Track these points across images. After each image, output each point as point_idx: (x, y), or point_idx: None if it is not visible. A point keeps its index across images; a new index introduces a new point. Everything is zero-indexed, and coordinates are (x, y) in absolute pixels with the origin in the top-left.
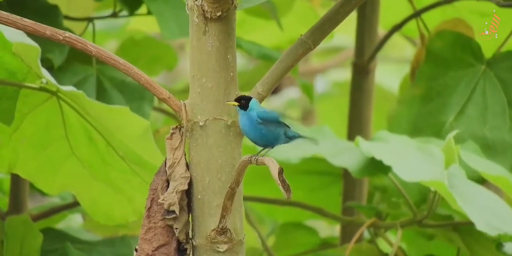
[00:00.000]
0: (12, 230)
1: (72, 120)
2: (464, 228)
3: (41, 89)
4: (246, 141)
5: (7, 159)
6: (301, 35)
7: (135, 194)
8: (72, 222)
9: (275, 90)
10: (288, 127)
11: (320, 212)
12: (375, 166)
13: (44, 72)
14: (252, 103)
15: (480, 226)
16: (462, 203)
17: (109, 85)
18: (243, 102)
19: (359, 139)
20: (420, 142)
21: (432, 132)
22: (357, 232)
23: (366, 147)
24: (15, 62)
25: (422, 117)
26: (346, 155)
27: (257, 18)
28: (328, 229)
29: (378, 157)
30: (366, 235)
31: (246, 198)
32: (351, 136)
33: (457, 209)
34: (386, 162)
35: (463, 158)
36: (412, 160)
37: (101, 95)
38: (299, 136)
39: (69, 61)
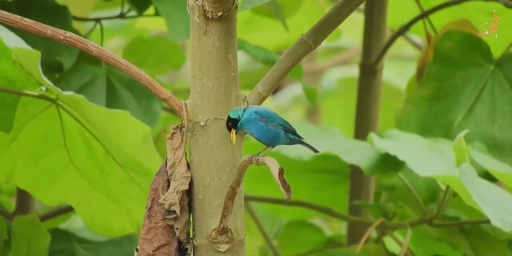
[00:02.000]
0: (20, 230)
1: (71, 129)
2: (471, 230)
3: (41, 96)
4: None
5: (5, 169)
6: (302, 35)
7: (133, 205)
8: (73, 222)
9: (278, 87)
10: (291, 129)
11: (329, 212)
12: (387, 164)
13: (44, 78)
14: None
15: (495, 221)
16: (478, 198)
17: (119, 85)
18: (230, 125)
19: (372, 135)
20: (430, 141)
21: (441, 132)
22: (365, 232)
23: (380, 143)
24: (14, 70)
25: (431, 117)
26: (358, 152)
27: (264, 18)
28: (334, 228)
29: (392, 152)
30: (373, 234)
31: (252, 198)
32: (358, 137)
33: (471, 205)
34: (401, 157)
35: (473, 157)
36: (424, 157)
37: (111, 94)
38: (300, 142)
39: (78, 62)
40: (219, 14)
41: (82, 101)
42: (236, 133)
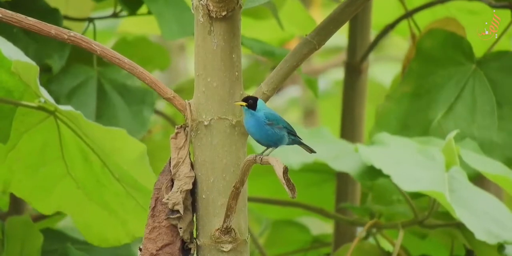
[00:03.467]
0: (13, 230)
1: (69, 140)
2: (466, 227)
3: (39, 108)
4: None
5: (2, 178)
6: (306, 35)
7: (129, 217)
8: (66, 222)
9: None
10: (293, 130)
11: (320, 212)
12: (377, 170)
13: (43, 91)
14: (260, 103)
15: (479, 235)
16: (461, 212)
17: (110, 88)
18: (251, 102)
19: (358, 145)
20: (420, 143)
21: (420, 129)
22: (352, 231)
23: (366, 155)
24: (12, 81)
25: (411, 114)
26: (347, 159)
27: (247, 18)
28: (320, 227)
29: (377, 165)
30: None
31: None
32: (344, 135)
33: (457, 218)
34: (385, 171)
35: (463, 157)
36: (411, 167)
37: (102, 98)
38: (300, 143)
39: (70, 63)
40: (223, 13)
41: (79, 117)
42: (242, 106)
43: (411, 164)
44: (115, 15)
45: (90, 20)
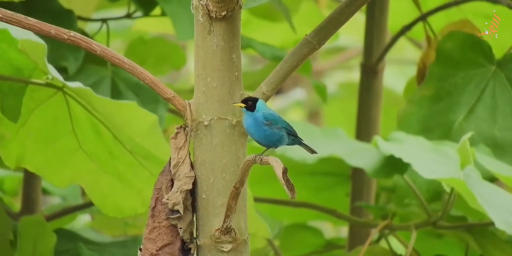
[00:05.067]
0: (26, 230)
1: (79, 115)
2: (477, 230)
3: (47, 85)
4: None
5: (15, 153)
6: (306, 35)
7: (144, 187)
8: (79, 222)
9: (279, 90)
10: (293, 131)
11: (332, 213)
12: (392, 167)
13: (51, 68)
14: (259, 104)
15: (499, 224)
16: (482, 201)
17: (124, 87)
18: (250, 103)
19: (377, 138)
20: (434, 144)
21: (441, 131)
22: (367, 234)
23: (385, 146)
24: (22, 59)
25: (432, 117)
26: (362, 155)
27: (262, 19)
28: (333, 230)
29: (397, 155)
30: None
31: (254, 199)
32: (359, 137)
33: (476, 207)
34: (406, 159)
35: (478, 159)
36: (429, 159)
37: (116, 97)
38: (300, 143)
39: (84, 63)
40: (223, 13)
41: (88, 93)
42: (242, 109)
43: (428, 157)
44: (128, 16)
45: (104, 20)
